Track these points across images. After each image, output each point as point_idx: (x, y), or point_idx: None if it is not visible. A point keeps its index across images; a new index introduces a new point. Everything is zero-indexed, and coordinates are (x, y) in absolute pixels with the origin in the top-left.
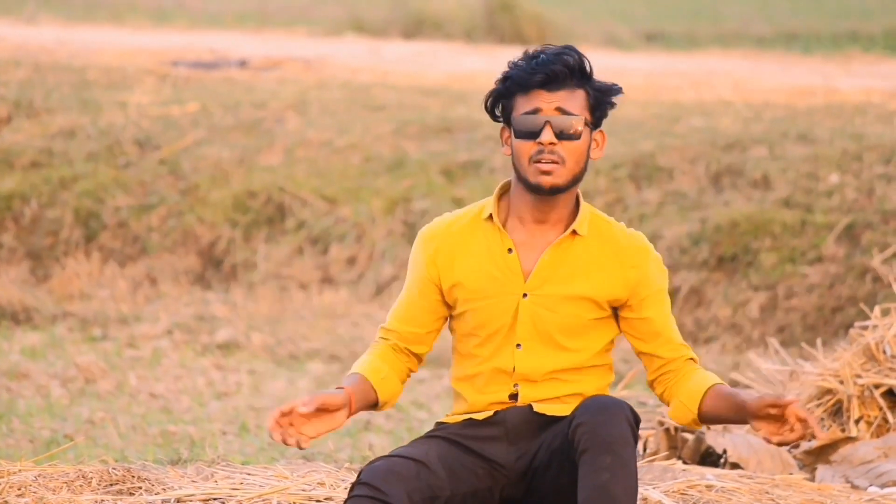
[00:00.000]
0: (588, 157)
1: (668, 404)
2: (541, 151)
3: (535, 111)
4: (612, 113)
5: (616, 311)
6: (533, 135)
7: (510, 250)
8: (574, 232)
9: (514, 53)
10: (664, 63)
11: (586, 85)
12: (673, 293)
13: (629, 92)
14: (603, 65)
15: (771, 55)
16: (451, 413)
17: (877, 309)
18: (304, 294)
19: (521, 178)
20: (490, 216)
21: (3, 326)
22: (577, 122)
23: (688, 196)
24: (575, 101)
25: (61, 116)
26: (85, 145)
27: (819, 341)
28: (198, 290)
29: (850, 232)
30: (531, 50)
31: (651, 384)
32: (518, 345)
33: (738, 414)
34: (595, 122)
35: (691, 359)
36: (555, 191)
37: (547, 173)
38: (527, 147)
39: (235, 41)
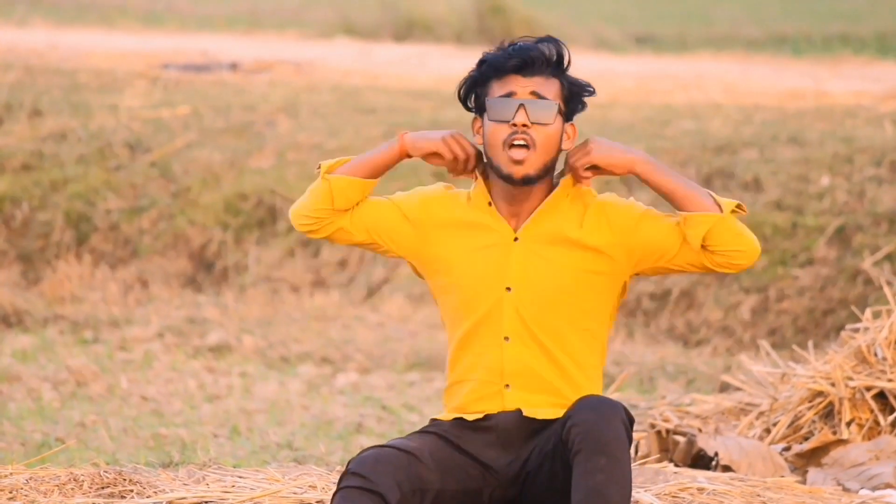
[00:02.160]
0: (560, 147)
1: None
2: (514, 133)
3: (510, 94)
4: (601, 116)
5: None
6: (506, 117)
7: (490, 203)
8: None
9: None
10: (655, 66)
11: (561, 76)
12: (664, 296)
13: (620, 95)
14: (593, 67)
15: (761, 58)
16: (445, 387)
17: (868, 311)
18: (295, 297)
19: (494, 167)
20: (475, 179)
21: None
22: (551, 107)
23: None
24: (549, 88)
25: (52, 119)
26: (76, 148)
27: (810, 344)
28: (189, 293)
29: (840, 234)
30: (508, 40)
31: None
32: (508, 288)
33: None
34: (568, 113)
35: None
36: (526, 181)
37: (519, 162)
38: (500, 130)
39: (226, 44)
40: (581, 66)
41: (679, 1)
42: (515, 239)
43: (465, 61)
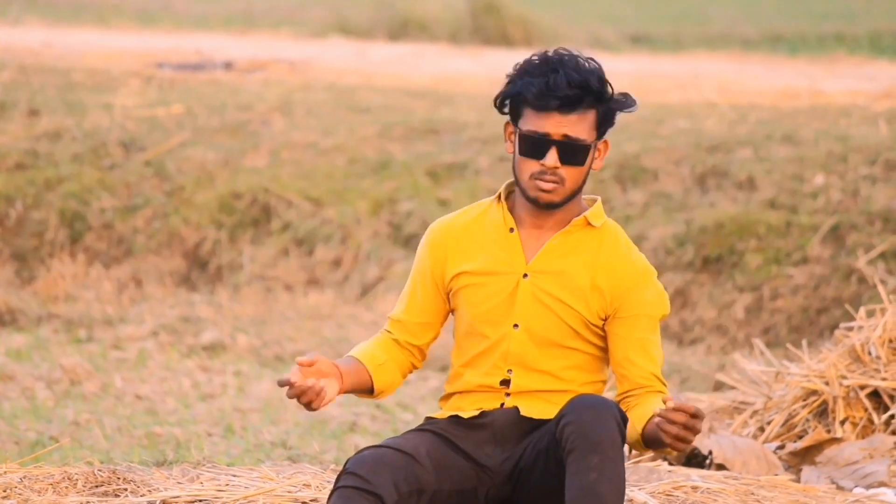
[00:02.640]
0: (589, 171)
1: None
2: (543, 172)
3: (545, 134)
4: None
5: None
6: (538, 156)
7: (512, 230)
8: (588, 222)
9: (499, 56)
10: (650, 65)
11: (600, 106)
12: None
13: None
14: None
15: (756, 57)
16: (442, 395)
17: (862, 310)
18: (289, 295)
19: (521, 188)
20: (498, 196)
21: None
22: (584, 151)
23: (673, 197)
24: (585, 123)
25: (47, 118)
26: (70, 147)
27: (804, 342)
28: (183, 292)
29: (835, 233)
30: (553, 53)
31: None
32: (515, 325)
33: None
34: (599, 134)
35: (659, 391)
36: (551, 206)
37: (546, 191)
38: (530, 164)
39: (221, 43)
40: None
41: (674, 0)
42: (525, 275)
43: (459, 60)
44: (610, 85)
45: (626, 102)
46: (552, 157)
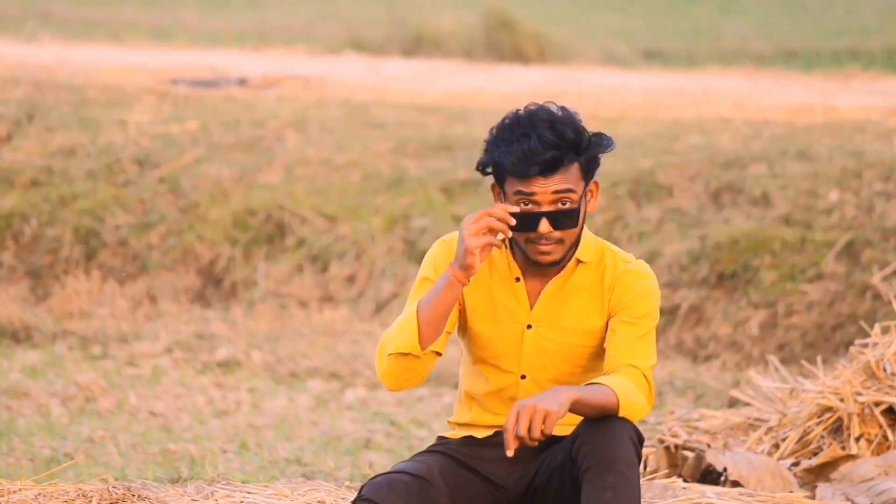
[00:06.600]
0: (584, 218)
1: None
2: (539, 238)
3: (530, 202)
4: (609, 131)
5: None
6: (531, 229)
7: (518, 279)
8: (578, 260)
9: (514, 72)
10: (663, 81)
11: (580, 157)
12: (673, 311)
13: (628, 110)
14: (602, 83)
15: (770, 73)
16: (452, 419)
17: (877, 326)
18: (303, 312)
19: (521, 249)
20: (503, 241)
21: (2, 345)
22: (575, 216)
23: (687, 213)
24: (570, 177)
25: (61, 135)
26: (85, 164)
27: (819, 359)
28: (197, 309)
29: (849, 249)
30: (524, 112)
31: None
32: (523, 376)
33: None
34: (587, 179)
35: (627, 375)
36: (554, 265)
37: (546, 254)
38: (524, 234)
39: (235, 59)
40: (589, 81)
41: (687, 16)
42: (529, 326)
43: (473, 76)
44: (586, 131)
45: (604, 144)
46: (544, 226)
